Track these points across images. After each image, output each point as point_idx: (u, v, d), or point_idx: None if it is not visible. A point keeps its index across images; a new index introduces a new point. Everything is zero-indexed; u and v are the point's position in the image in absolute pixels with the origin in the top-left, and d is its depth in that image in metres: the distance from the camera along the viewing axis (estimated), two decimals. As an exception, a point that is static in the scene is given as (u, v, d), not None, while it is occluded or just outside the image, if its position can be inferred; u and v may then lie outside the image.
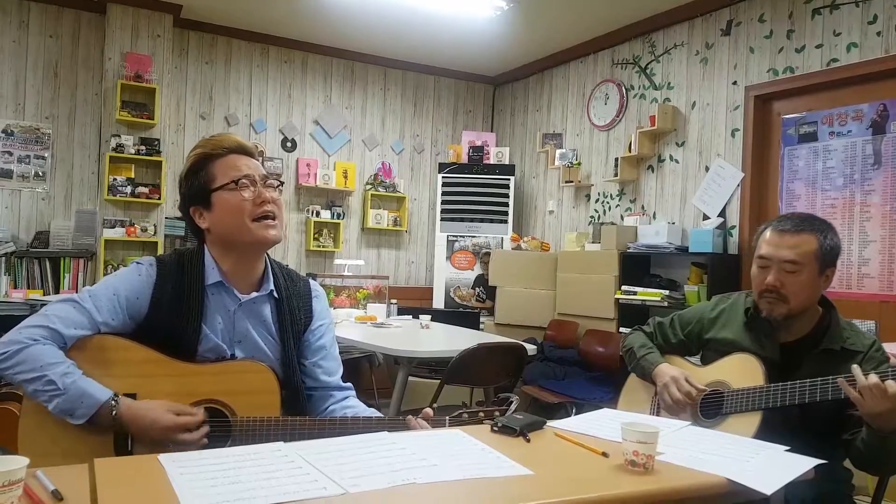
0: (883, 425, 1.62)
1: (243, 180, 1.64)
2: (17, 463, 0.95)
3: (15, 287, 4.73)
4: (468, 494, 1.11)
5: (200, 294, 1.64)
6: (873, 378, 1.58)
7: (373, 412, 1.72)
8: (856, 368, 1.62)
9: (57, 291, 4.85)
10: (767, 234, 1.89)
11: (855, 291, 3.75)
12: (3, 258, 4.71)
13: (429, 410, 1.60)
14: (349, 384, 1.82)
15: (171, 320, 1.61)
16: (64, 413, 1.45)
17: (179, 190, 1.71)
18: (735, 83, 4.37)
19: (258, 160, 1.73)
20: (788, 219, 1.87)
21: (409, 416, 1.59)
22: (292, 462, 1.20)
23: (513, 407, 1.61)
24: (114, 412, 1.46)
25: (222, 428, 1.55)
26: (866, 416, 1.63)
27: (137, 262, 1.67)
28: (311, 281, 1.86)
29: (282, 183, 1.79)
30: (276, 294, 1.73)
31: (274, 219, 1.66)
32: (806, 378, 1.73)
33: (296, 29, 5.60)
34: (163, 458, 1.20)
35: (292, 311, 1.75)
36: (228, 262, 1.68)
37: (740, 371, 1.88)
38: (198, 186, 1.66)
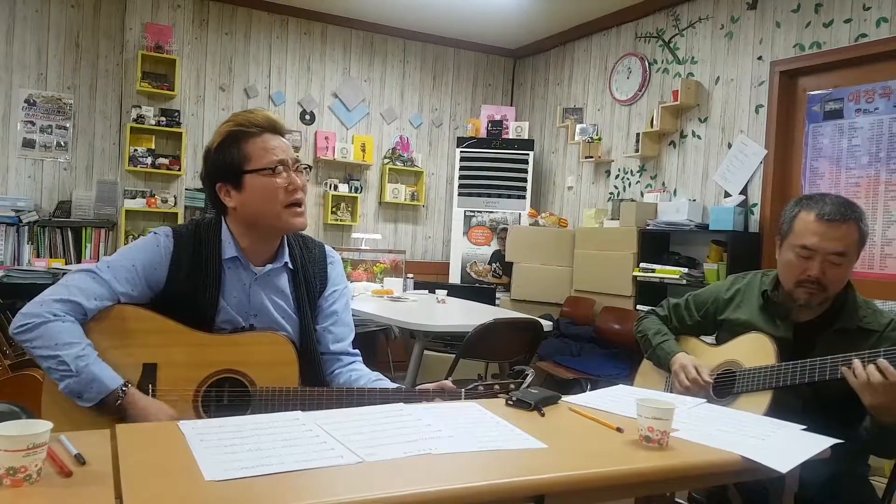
0: (882, 416, 1.60)
1: (279, 167, 1.62)
2: (41, 427, 0.97)
3: (38, 256, 4.81)
4: (482, 466, 1.12)
5: (217, 268, 1.65)
6: (863, 375, 1.57)
7: (377, 376, 1.74)
8: (856, 362, 1.60)
9: (79, 261, 4.92)
10: (811, 221, 1.77)
11: (878, 272, 3.69)
12: (26, 227, 4.78)
13: (447, 383, 1.61)
14: (356, 350, 1.82)
15: (188, 292, 1.61)
16: (73, 395, 1.46)
17: (205, 163, 1.67)
18: (760, 58, 4.29)
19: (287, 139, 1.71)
20: (829, 204, 1.77)
21: (421, 387, 1.59)
22: (310, 431, 1.21)
23: (528, 380, 1.61)
24: (119, 402, 1.47)
25: (241, 397, 1.57)
26: (868, 407, 1.61)
27: (154, 233, 1.66)
28: (327, 247, 1.87)
29: (309, 167, 1.79)
30: (290, 265, 1.73)
31: (301, 205, 1.66)
32: (819, 358, 1.71)
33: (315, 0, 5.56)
34: (183, 424, 1.22)
35: (307, 278, 1.76)
36: (248, 240, 1.68)
37: (753, 350, 1.87)
38: (229, 164, 1.62)
